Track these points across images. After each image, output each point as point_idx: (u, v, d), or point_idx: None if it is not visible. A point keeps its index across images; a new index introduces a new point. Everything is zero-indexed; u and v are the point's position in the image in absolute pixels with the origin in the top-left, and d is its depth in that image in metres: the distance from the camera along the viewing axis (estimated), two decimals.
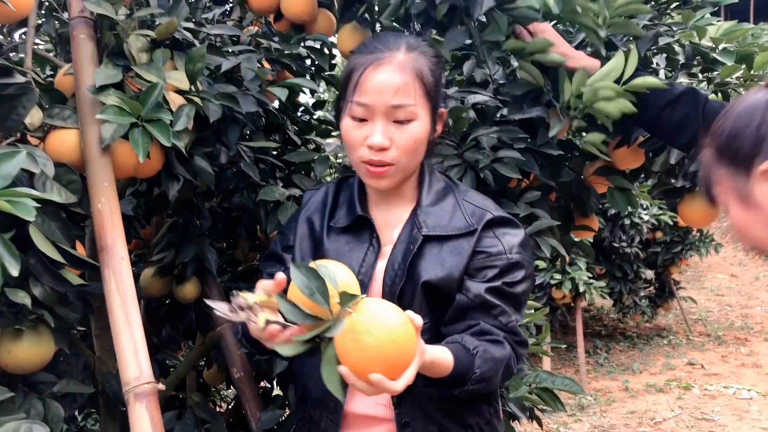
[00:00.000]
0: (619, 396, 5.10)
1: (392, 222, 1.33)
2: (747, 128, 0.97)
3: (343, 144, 1.38)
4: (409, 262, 1.25)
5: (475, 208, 1.32)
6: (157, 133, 1.35)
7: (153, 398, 1.15)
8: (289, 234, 1.39)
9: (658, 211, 5.81)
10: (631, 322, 7.18)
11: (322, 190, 1.42)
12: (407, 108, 1.20)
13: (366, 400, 1.26)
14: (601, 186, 2.04)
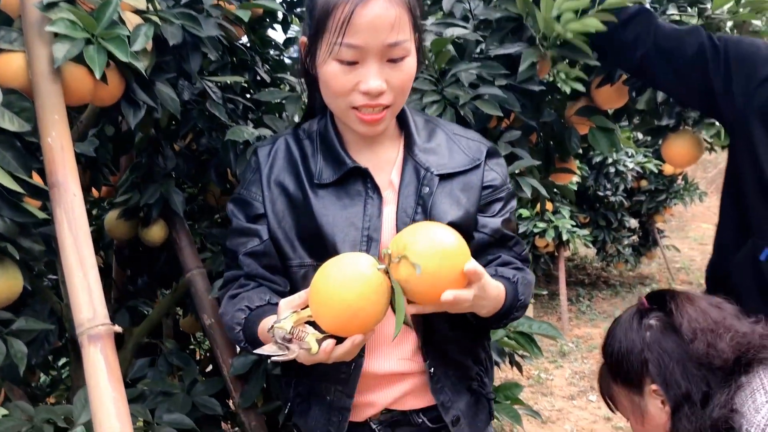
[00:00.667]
0: (600, 343, 5.14)
1: (382, 166, 1.23)
2: (632, 352, 1.12)
3: (309, 90, 1.27)
4: (429, 204, 1.19)
5: (469, 141, 1.30)
6: (114, 49, 1.25)
7: (108, 340, 1.10)
8: (253, 202, 1.24)
9: (643, 158, 5.78)
10: (615, 270, 7.22)
11: (278, 145, 1.27)
12: (403, 45, 1.08)
13: (388, 358, 1.22)
14: (583, 126, 1.97)
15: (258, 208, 1.23)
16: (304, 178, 1.20)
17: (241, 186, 1.28)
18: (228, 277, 1.27)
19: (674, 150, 1.86)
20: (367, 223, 1.16)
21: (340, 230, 1.16)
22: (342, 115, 1.16)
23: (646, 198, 6.31)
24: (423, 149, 1.24)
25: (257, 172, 1.25)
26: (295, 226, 1.20)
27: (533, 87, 1.72)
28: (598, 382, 1.32)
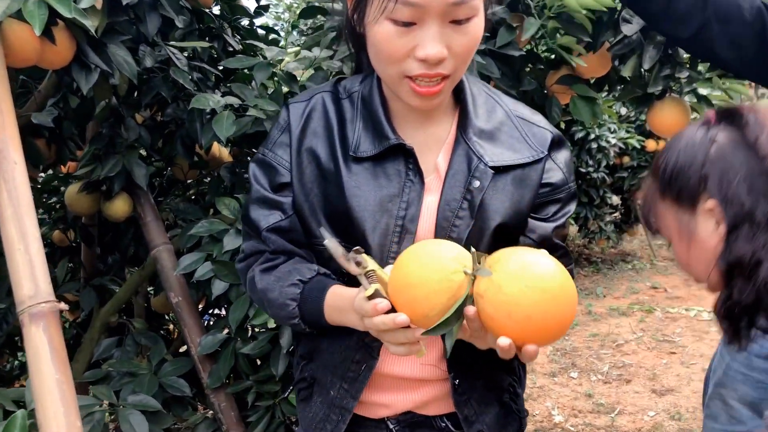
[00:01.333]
0: (582, 320, 5.13)
1: (430, 145, 1.06)
2: (691, 166, 1.00)
3: (355, 50, 1.10)
4: (478, 201, 1.02)
5: (533, 127, 1.10)
6: (56, 4, 1.15)
7: (52, 319, 1.02)
8: (278, 167, 1.07)
9: (626, 134, 5.73)
10: (597, 247, 7.21)
11: (314, 103, 1.09)
12: (470, 3, 0.90)
13: (410, 361, 1.09)
14: (564, 96, 1.90)
15: (283, 176, 1.07)
16: (338, 147, 1.04)
17: (265, 145, 1.11)
18: (250, 248, 1.13)
19: (661, 118, 1.80)
20: (403, 211, 1.01)
21: (371, 215, 1.01)
22: (393, 84, 0.99)
23: (628, 174, 6.28)
24: (479, 132, 1.06)
25: (286, 132, 1.09)
26: (322, 202, 1.05)
27: (513, 52, 1.65)
28: (641, 201, 1.13)
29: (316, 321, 1.03)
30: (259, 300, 1.11)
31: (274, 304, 1.06)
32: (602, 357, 4.39)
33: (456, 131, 1.06)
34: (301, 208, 1.07)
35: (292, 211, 1.07)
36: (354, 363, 1.07)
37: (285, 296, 1.04)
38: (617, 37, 1.69)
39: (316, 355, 1.13)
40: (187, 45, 1.75)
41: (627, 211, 6.81)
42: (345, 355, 1.07)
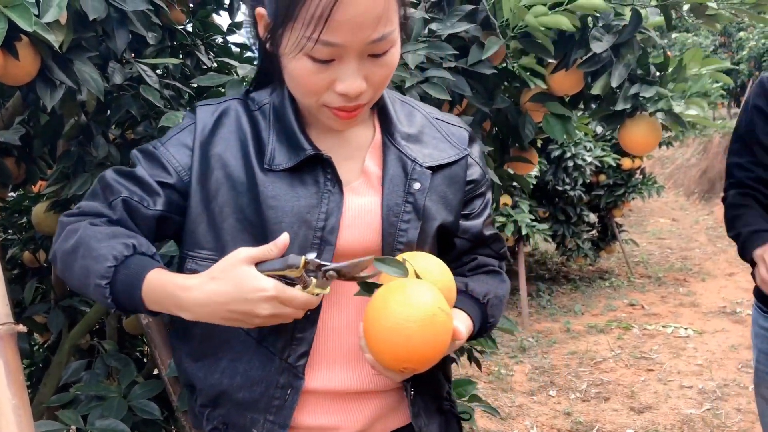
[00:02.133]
0: (560, 337, 5.14)
1: (351, 153, 1.06)
2: None
3: (262, 59, 1.07)
4: (422, 203, 1.03)
5: (450, 126, 1.14)
6: (17, 18, 1.13)
7: (9, 341, 0.98)
8: (166, 165, 1.01)
9: (602, 153, 5.79)
10: (574, 265, 7.25)
11: (225, 109, 1.04)
12: (389, 37, 0.90)
13: (355, 371, 1.05)
14: (538, 114, 1.91)
15: (168, 176, 1.00)
16: (254, 157, 1.00)
17: (158, 140, 1.05)
18: (89, 208, 1.01)
19: (632, 136, 1.81)
20: (322, 222, 0.98)
21: (289, 227, 0.97)
22: (310, 108, 0.99)
23: (604, 192, 6.34)
24: (406, 136, 1.07)
25: (189, 132, 1.02)
26: (233, 212, 0.99)
27: (485, 70, 1.65)
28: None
29: (129, 291, 0.92)
30: (69, 250, 0.96)
31: (90, 253, 0.93)
32: (581, 375, 4.39)
33: (382, 136, 1.07)
34: (193, 216, 1.01)
35: (161, 210, 1.00)
36: (278, 389, 1.01)
37: (109, 249, 0.93)
38: (587, 55, 1.70)
39: (221, 400, 1.04)
40: (158, 62, 1.73)
41: (604, 228, 6.86)
42: (266, 384, 1.00)
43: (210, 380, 1.03)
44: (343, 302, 1.04)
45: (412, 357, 0.89)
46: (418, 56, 1.57)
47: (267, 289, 0.87)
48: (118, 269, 0.92)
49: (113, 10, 1.43)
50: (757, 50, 12.54)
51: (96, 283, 0.92)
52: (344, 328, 1.04)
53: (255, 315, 0.88)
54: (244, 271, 0.89)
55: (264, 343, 1.00)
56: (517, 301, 5.66)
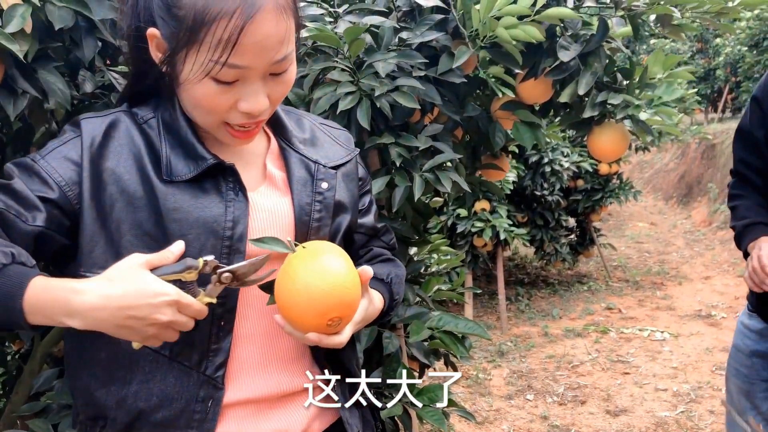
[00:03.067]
0: (538, 341, 5.17)
1: (247, 159, 1.07)
2: None
3: (139, 74, 1.01)
4: (333, 201, 1.09)
5: (334, 130, 1.22)
6: None
7: None
8: (47, 179, 0.93)
9: (579, 158, 5.84)
10: (553, 269, 7.30)
11: (113, 121, 0.99)
12: (289, 56, 0.94)
13: (277, 374, 1.05)
14: (508, 121, 1.93)
15: (49, 191, 0.92)
16: (150, 170, 0.96)
17: (38, 153, 0.97)
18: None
19: (600, 143, 1.84)
20: (229, 231, 0.97)
21: (196, 238, 0.95)
22: (208, 126, 0.99)
23: (582, 197, 6.40)
24: (302, 140, 1.12)
25: (75, 146, 0.96)
26: (131, 228, 0.94)
27: (455, 79, 1.67)
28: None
29: (7, 301, 0.84)
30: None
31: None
32: (558, 378, 4.42)
33: (278, 142, 1.12)
34: (90, 234, 0.95)
35: (42, 226, 0.92)
36: (199, 402, 0.98)
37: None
38: (554, 64, 1.72)
39: (138, 424, 0.97)
40: None
41: (582, 233, 6.92)
42: (186, 399, 0.97)
43: (124, 406, 0.97)
44: (257, 310, 1.04)
45: (336, 304, 0.95)
46: (388, 65, 1.58)
47: (169, 293, 0.85)
48: None
49: (81, 19, 1.42)
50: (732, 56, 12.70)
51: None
52: (261, 335, 1.05)
53: (153, 321, 0.84)
54: (144, 274, 0.86)
55: (178, 358, 0.97)
56: (496, 305, 5.68)
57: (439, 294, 2.27)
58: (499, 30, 1.52)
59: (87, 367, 0.99)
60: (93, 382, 0.98)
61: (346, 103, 1.52)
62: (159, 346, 0.92)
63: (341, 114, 1.55)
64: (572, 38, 1.73)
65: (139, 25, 0.95)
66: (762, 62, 10.92)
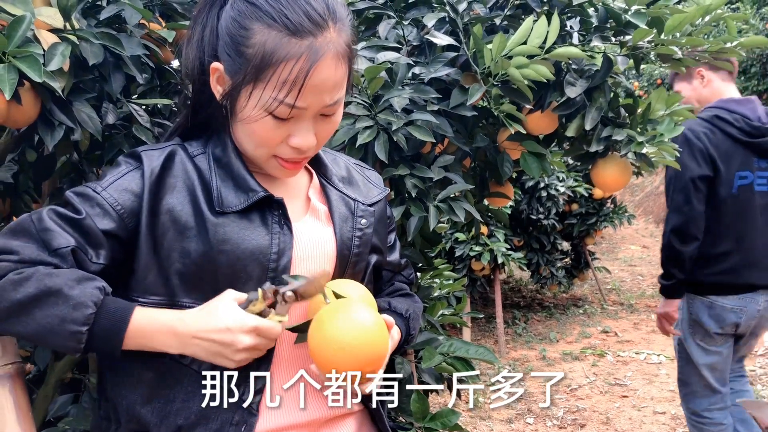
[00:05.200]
0: (536, 365, 5.21)
1: (293, 194, 1.14)
2: None
3: (196, 108, 1.09)
4: (369, 238, 1.16)
5: (367, 171, 1.30)
6: (27, 69, 1.18)
7: (18, 380, 1.03)
8: (108, 210, 0.98)
9: (574, 183, 5.93)
10: (549, 292, 7.35)
11: (170, 153, 1.05)
12: (340, 101, 1.02)
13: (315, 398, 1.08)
14: (515, 152, 2.00)
15: (110, 222, 0.97)
16: (203, 201, 1.01)
17: (98, 183, 1.01)
18: (27, 254, 0.94)
19: (603, 175, 1.91)
20: (274, 263, 1.02)
21: (242, 269, 1.01)
22: (258, 159, 1.06)
23: (577, 221, 6.47)
24: (341, 178, 1.20)
25: (137, 177, 1.00)
26: (178, 258, 1.00)
27: (466, 113, 1.73)
28: None
29: (111, 333, 0.92)
30: (27, 299, 0.90)
31: (67, 301, 0.90)
32: (557, 402, 4.45)
33: (319, 179, 1.19)
34: (144, 263, 1.00)
35: (104, 264, 0.97)
36: (233, 426, 1.02)
37: (86, 296, 0.91)
38: (561, 99, 1.79)
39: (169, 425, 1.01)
40: (150, 102, 1.78)
41: (577, 256, 6.99)
42: (221, 421, 1.01)
43: (166, 422, 1.01)
44: (289, 337, 1.08)
45: (371, 360, 0.99)
46: (403, 99, 1.65)
47: (248, 321, 0.95)
48: (98, 314, 0.92)
49: (109, 54, 1.48)
50: None
51: (74, 330, 0.90)
52: (298, 362, 1.09)
53: (237, 346, 0.94)
54: (230, 306, 0.96)
55: None
56: (494, 328, 5.72)
57: (443, 319, 2.32)
58: (510, 70, 1.58)
59: (134, 385, 1.03)
60: (139, 399, 1.02)
61: (365, 136, 1.58)
62: None
63: (359, 147, 1.61)
64: (577, 73, 1.80)
65: (203, 60, 1.02)
66: (750, 88, 11.12)
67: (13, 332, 0.94)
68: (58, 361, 2.18)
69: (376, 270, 1.24)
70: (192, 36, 1.06)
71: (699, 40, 1.70)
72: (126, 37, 1.48)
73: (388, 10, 1.87)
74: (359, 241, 1.14)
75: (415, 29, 1.89)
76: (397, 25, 1.85)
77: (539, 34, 1.59)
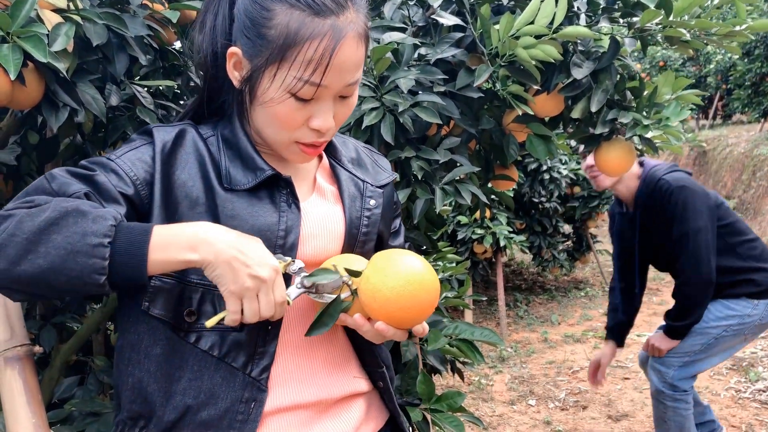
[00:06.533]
0: (538, 347, 5.22)
1: (301, 174, 1.14)
2: None
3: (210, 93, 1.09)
4: (377, 218, 1.16)
5: (376, 155, 1.29)
6: (31, 49, 1.17)
7: (27, 362, 1.02)
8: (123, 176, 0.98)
9: (576, 165, 5.91)
10: (550, 275, 7.37)
11: (181, 130, 1.05)
12: (358, 80, 1.01)
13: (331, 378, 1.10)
14: (521, 134, 1.99)
15: (126, 187, 0.97)
16: (213, 177, 1.02)
17: (112, 153, 1.01)
18: (41, 199, 0.91)
19: (607, 158, 1.90)
20: (281, 239, 1.03)
21: None
22: (278, 144, 1.05)
23: (579, 204, 6.47)
24: (350, 160, 1.20)
25: (149, 148, 1.01)
26: None
27: (472, 94, 1.72)
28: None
29: (135, 244, 0.88)
30: (46, 224, 0.86)
31: (86, 217, 0.87)
32: (559, 384, 4.47)
33: (329, 161, 1.19)
34: None
35: (120, 220, 0.92)
36: (242, 403, 1.02)
37: (105, 212, 0.89)
38: (568, 80, 1.78)
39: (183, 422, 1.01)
40: (154, 84, 1.77)
41: (578, 239, 6.99)
42: (231, 399, 1.01)
43: (172, 402, 1.01)
44: (302, 321, 1.08)
45: (435, 296, 0.99)
46: (409, 81, 1.64)
47: (274, 260, 0.93)
48: (118, 227, 0.87)
49: (113, 35, 1.47)
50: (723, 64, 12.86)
51: (95, 243, 0.85)
52: (307, 343, 1.09)
53: (255, 273, 0.89)
54: (261, 244, 0.94)
55: (226, 359, 1.02)
56: (495, 311, 5.74)
57: (446, 302, 2.32)
58: (518, 50, 1.57)
59: (141, 362, 1.02)
60: (145, 376, 1.01)
61: (371, 118, 1.57)
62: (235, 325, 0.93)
63: (365, 129, 1.60)
64: (584, 55, 1.78)
65: (217, 47, 1.02)
66: (753, 70, 11.06)
67: (30, 273, 0.85)
68: (63, 344, 2.19)
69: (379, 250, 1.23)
70: (204, 24, 1.05)
71: (708, 22, 1.68)
72: (130, 18, 1.46)
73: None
74: (368, 221, 1.14)
75: (421, 9, 1.87)
76: (402, 5, 1.83)
77: (547, 13, 1.58)
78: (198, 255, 0.89)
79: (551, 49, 1.57)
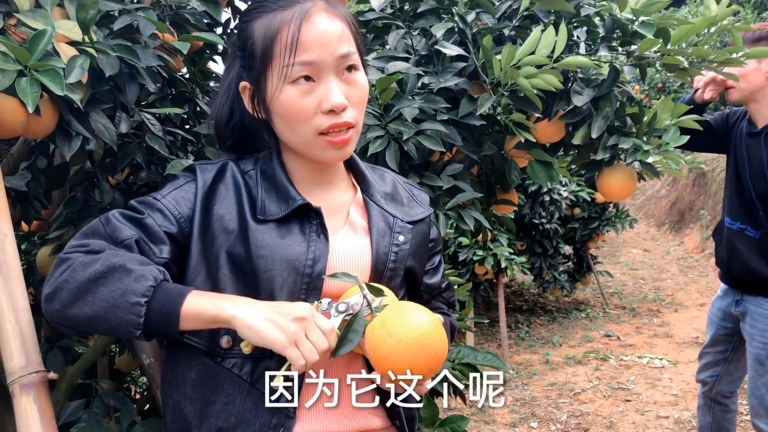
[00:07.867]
0: (540, 369, 5.22)
1: (335, 207, 1.17)
2: None
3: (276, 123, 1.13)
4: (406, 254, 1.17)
5: (415, 189, 1.31)
6: (49, 82, 1.20)
7: (42, 389, 1.04)
8: (168, 215, 1.06)
9: (576, 187, 5.95)
10: (551, 296, 7.37)
11: (222, 167, 1.13)
12: (352, 55, 1.06)
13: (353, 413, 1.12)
14: (522, 160, 2.02)
15: (170, 227, 1.05)
16: (248, 210, 1.08)
17: (158, 192, 1.10)
18: (96, 245, 1.01)
19: (609, 183, 1.93)
20: (309, 268, 1.06)
21: (279, 274, 1.05)
22: (307, 146, 1.08)
23: (579, 225, 6.49)
24: (383, 194, 1.22)
25: (191, 187, 1.10)
26: (226, 262, 1.06)
27: (474, 122, 1.76)
28: None
29: (169, 305, 0.95)
30: (95, 276, 0.95)
31: (129, 275, 0.95)
32: (560, 406, 4.47)
33: (362, 195, 1.21)
34: (194, 265, 1.07)
35: (167, 259, 1.04)
36: (271, 429, 1.05)
37: (147, 271, 0.96)
38: (568, 107, 1.82)
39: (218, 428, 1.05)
40: (162, 111, 1.80)
41: (579, 260, 7.00)
42: (260, 424, 1.05)
43: (206, 423, 1.05)
44: None
45: (435, 361, 0.99)
46: (413, 109, 1.67)
47: (305, 303, 0.99)
48: (157, 289, 0.95)
49: (124, 65, 1.51)
50: None
51: (133, 301, 0.93)
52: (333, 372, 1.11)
53: (294, 315, 0.94)
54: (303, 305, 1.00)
55: (257, 384, 1.05)
56: (497, 332, 5.74)
57: None
58: (520, 79, 1.61)
59: (179, 386, 1.08)
60: (182, 399, 1.07)
61: (376, 146, 1.60)
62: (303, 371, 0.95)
63: (370, 156, 1.63)
64: (584, 82, 1.82)
65: (237, 82, 1.12)
66: None
67: (78, 317, 0.95)
68: (68, 366, 2.20)
69: (412, 286, 1.24)
70: (220, 91, 1.18)
71: (705, 50, 1.72)
72: (141, 49, 1.50)
73: (397, 20, 1.89)
74: (395, 257, 1.16)
75: (424, 39, 1.92)
76: (405, 35, 1.87)
77: (547, 44, 1.62)
78: (228, 311, 0.95)
79: (552, 78, 1.61)
